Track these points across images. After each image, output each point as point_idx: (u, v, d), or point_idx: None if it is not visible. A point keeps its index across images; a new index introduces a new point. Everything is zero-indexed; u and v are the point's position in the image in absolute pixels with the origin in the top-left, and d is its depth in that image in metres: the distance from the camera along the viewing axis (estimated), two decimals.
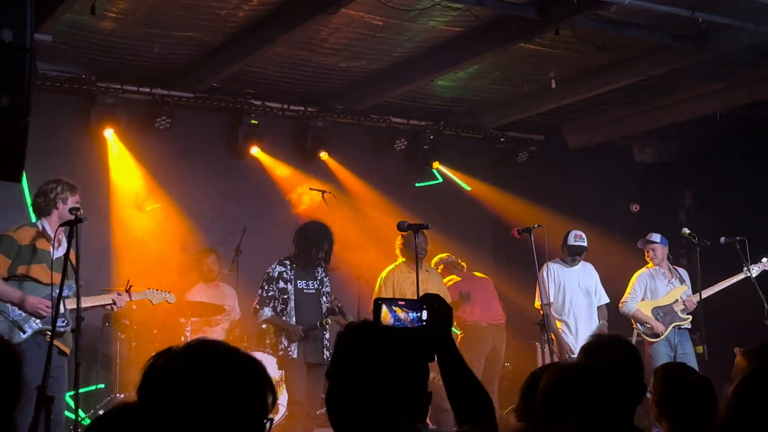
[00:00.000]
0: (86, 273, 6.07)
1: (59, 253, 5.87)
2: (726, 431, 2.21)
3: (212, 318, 8.51)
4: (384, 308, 2.41)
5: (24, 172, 3.53)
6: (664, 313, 8.34)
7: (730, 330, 8.71)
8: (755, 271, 8.17)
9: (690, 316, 8.30)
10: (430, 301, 2.47)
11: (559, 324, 8.22)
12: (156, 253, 9.13)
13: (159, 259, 9.11)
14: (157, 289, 7.24)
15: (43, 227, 6.01)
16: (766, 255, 8.34)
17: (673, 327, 8.28)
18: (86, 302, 6.01)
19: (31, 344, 5.72)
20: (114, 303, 6.33)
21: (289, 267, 7.17)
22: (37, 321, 5.82)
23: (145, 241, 9.02)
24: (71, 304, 5.97)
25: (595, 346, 3.39)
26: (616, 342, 3.42)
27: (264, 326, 8.17)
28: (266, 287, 7.15)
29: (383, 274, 7.86)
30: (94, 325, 8.16)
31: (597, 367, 2.70)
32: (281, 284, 7.13)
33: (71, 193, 6.11)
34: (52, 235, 5.86)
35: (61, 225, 5.82)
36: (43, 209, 6.07)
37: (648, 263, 8.59)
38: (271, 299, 7.11)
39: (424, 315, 2.44)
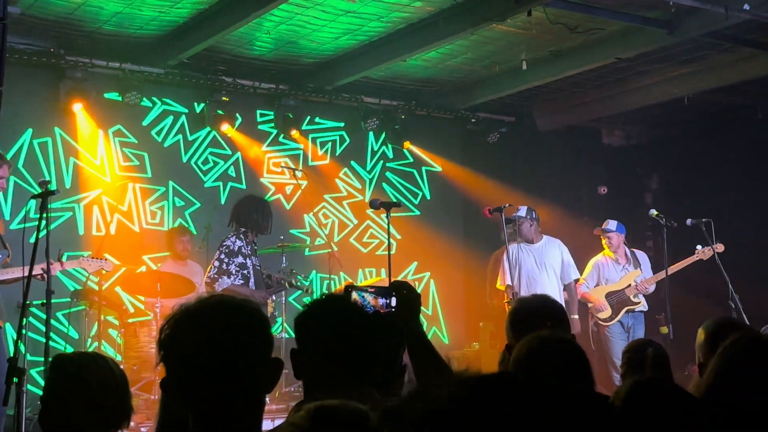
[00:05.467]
0: (54, 247, 6.02)
1: None
2: (711, 399, 2.28)
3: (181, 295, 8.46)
4: (354, 294, 2.50)
5: None
6: (617, 298, 8.58)
7: (696, 310, 8.83)
8: (708, 251, 8.19)
9: (642, 299, 8.57)
10: (400, 288, 2.58)
11: None
12: (125, 228, 9.08)
13: (128, 234, 9.07)
14: (93, 257, 7.13)
15: None
16: (730, 236, 8.47)
17: (626, 311, 8.52)
18: (15, 273, 5.97)
19: None
20: (44, 272, 5.86)
21: (245, 242, 6.94)
22: None
23: (114, 215, 8.96)
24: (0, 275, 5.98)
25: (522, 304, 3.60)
26: (540, 299, 3.65)
27: None
28: (226, 260, 6.81)
29: None
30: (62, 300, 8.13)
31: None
32: (240, 259, 6.86)
33: None
34: None
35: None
36: None
37: (605, 249, 8.78)
38: (228, 273, 6.80)
39: (393, 302, 2.53)
